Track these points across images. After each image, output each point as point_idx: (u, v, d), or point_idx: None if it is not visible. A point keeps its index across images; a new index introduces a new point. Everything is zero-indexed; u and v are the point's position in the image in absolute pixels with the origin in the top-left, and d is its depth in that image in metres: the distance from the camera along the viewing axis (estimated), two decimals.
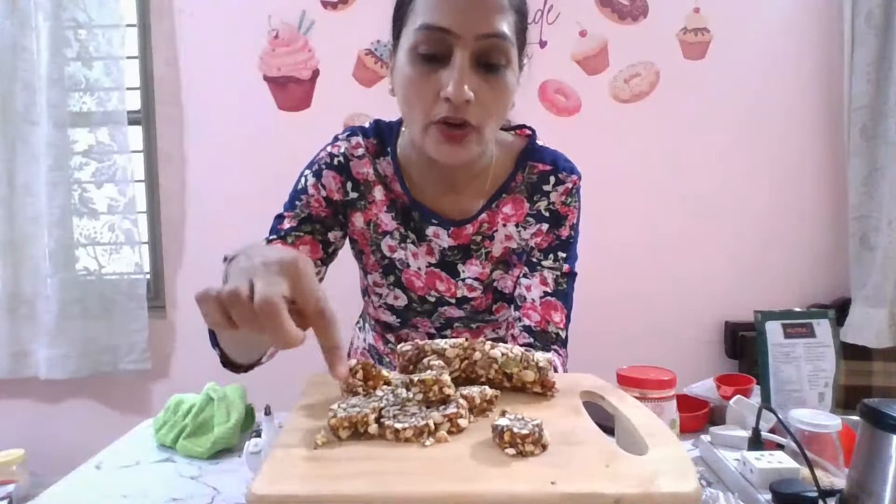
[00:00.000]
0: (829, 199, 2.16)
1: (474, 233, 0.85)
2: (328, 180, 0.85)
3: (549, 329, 0.86)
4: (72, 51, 2.05)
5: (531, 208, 0.86)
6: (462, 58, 0.69)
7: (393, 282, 0.87)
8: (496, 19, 0.70)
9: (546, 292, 0.86)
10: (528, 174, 0.86)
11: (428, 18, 0.69)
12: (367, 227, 0.86)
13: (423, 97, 0.72)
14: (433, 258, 0.86)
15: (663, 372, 0.88)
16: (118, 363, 2.11)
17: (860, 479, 0.66)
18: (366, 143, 0.86)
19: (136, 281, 2.12)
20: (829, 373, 0.94)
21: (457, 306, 0.88)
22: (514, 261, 0.88)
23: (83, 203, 2.10)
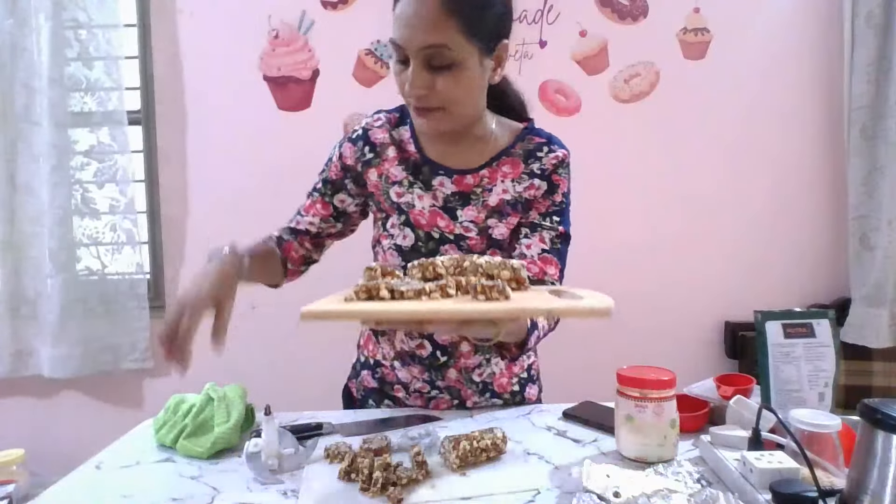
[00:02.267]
0: (829, 199, 2.16)
1: (475, 184, 1.03)
2: (345, 150, 1.08)
3: (546, 280, 1.01)
4: (72, 51, 2.05)
5: (525, 168, 1.04)
6: (414, 64, 0.90)
7: (403, 221, 1.04)
8: (433, 33, 0.88)
9: (544, 249, 1.03)
10: (526, 144, 1.05)
11: (392, 35, 0.92)
12: (379, 179, 1.06)
13: (400, 88, 0.95)
14: (437, 202, 1.03)
15: (663, 372, 0.88)
16: (120, 362, 2.12)
17: (860, 479, 0.66)
18: (388, 117, 1.08)
19: (137, 281, 2.12)
20: (829, 373, 0.94)
21: (455, 244, 1.02)
22: (507, 210, 1.03)
23: (85, 203, 2.11)
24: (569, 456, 0.90)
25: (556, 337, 2.27)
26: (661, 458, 0.85)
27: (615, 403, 0.90)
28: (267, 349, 2.08)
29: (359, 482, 0.80)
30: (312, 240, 1.12)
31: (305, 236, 1.11)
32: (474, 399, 1.11)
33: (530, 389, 1.16)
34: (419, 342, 1.06)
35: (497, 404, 1.12)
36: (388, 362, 1.11)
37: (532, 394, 1.16)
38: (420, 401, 1.11)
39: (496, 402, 1.12)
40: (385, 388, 1.13)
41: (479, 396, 1.11)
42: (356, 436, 0.97)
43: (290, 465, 0.87)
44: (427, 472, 0.82)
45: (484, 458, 0.87)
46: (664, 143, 2.14)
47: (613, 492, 0.72)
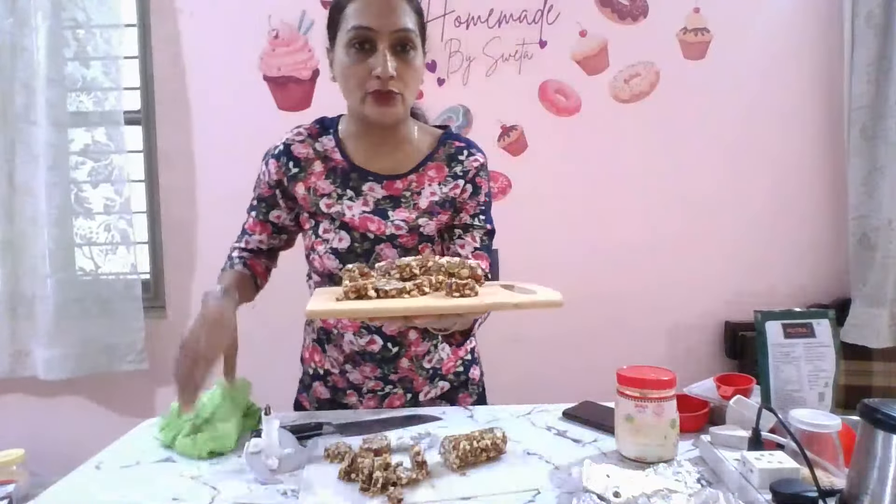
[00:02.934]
0: (829, 199, 2.16)
1: (404, 189, 1.09)
2: (271, 167, 1.12)
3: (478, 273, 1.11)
4: (70, 50, 2.05)
5: (449, 171, 1.11)
6: (384, 47, 0.98)
7: (337, 225, 1.08)
8: (403, 19, 0.99)
9: (475, 247, 1.12)
10: (448, 148, 1.12)
11: (358, 21, 0.98)
12: (307, 193, 1.09)
13: (360, 77, 1.00)
14: (368, 207, 1.08)
15: (663, 372, 0.88)
16: (115, 364, 2.10)
17: (860, 479, 0.66)
18: (308, 129, 1.13)
19: (133, 281, 2.11)
20: (829, 373, 0.94)
21: (389, 243, 1.07)
22: (437, 210, 1.10)
23: (79, 203, 2.10)
24: (569, 456, 0.90)
25: (556, 337, 2.28)
26: (661, 458, 0.85)
27: (615, 403, 0.90)
28: (268, 349, 2.08)
29: (359, 482, 0.80)
30: (266, 255, 1.18)
31: (260, 254, 1.16)
32: (425, 388, 1.15)
33: (473, 370, 1.22)
34: (369, 338, 1.09)
35: (445, 388, 1.17)
36: (338, 368, 1.14)
37: (475, 374, 1.23)
38: (374, 402, 1.13)
39: (444, 387, 1.17)
40: (337, 396, 1.16)
41: (429, 385, 1.15)
42: (356, 436, 0.97)
43: (290, 465, 0.87)
44: (427, 472, 0.82)
45: (484, 458, 0.87)
46: (664, 143, 2.14)
47: (613, 492, 0.72)
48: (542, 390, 1.36)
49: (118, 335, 2.10)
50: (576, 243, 2.14)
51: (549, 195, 2.14)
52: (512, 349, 2.14)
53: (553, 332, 2.15)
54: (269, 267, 1.19)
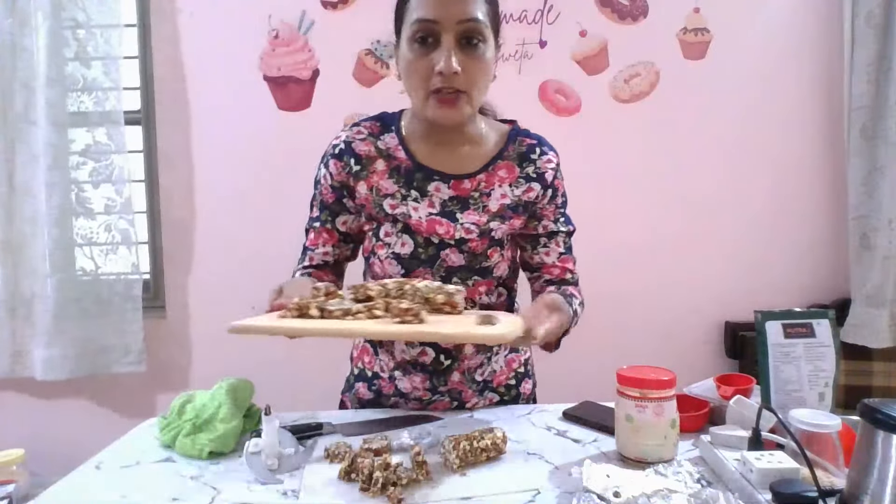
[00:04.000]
0: (829, 199, 2.16)
1: (472, 189, 1.02)
2: (332, 168, 1.04)
3: (567, 276, 1.10)
4: (70, 50, 2.05)
5: (521, 172, 1.04)
6: (448, 40, 0.90)
7: (400, 228, 1.02)
8: (471, 8, 0.91)
9: (561, 253, 1.10)
10: (518, 146, 1.06)
11: (420, 13, 0.91)
12: (370, 192, 1.03)
13: (422, 74, 0.93)
14: (434, 209, 1.01)
15: (663, 372, 0.88)
16: (114, 365, 2.10)
17: (860, 479, 0.66)
18: (369, 127, 1.06)
19: (132, 282, 2.11)
20: (829, 373, 0.94)
21: (457, 248, 1.02)
22: (509, 214, 1.04)
23: (80, 203, 2.10)
24: (569, 456, 0.90)
25: None
26: (661, 458, 0.85)
27: (615, 403, 0.90)
28: (267, 349, 2.08)
29: (359, 482, 0.80)
30: (332, 270, 1.10)
31: (324, 269, 1.09)
32: (473, 400, 1.11)
33: (525, 384, 1.17)
34: (421, 349, 1.06)
35: (494, 400, 1.13)
36: (387, 373, 1.10)
37: (526, 388, 1.18)
38: (418, 406, 1.10)
39: (493, 398, 1.13)
40: (381, 399, 1.12)
41: (478, 397, 1.11)
42: (356, 436, 0.97)
43: (290, 465, 0.87)
44: (427, 472, 0.82)
45: (484, 458, 0.87)
46: (664, 143, 2.14)
47: (613, 492, 0.72)
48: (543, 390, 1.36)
49: (117, 336, 2.10)
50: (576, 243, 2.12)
51: None
52: None
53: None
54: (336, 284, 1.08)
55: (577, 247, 1.14)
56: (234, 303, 2.21)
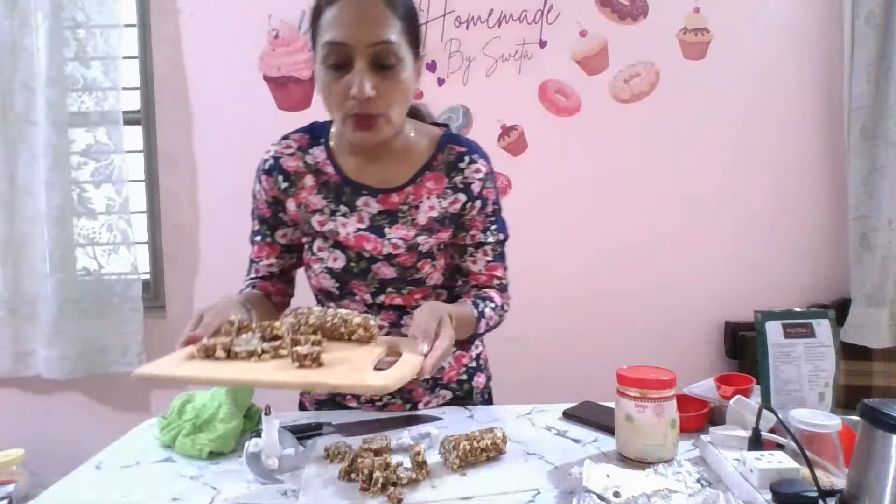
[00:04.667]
0: (829, 199, 2.16)
1: (401, 202, 1.01)
2: (264, 184, 1.05)
3: (493, 283, 1.08)
4: (70, 50, 2.05)
5: (449, 183, 1.02)
6: (360, 64, 0.87)
7: (332, 244, 1.02)
8: (382, 30, 0.87)
9: (488, 261, 1.07)
10: (448, 155, 1.03)
11: (330, 36, 0.88)
12: (298, 209, 1.03)
13: (337, 98, 0.90)
14: (363, 224, 1.01)
15: (663, 372, 0.88)
16: (114, 364, 2.11)
17: (860, 479, 0.66)
18: (298, 140, 1.05)
19: (132, 282, 2.11)
20: (829, 373, 0.94)
21: (387, 262, 1.01)
22: (436, 227, 1.03)
23: (82, 203, 2.11)
24: (569, 456, 0.90)
25: (556, 337, 2.28)
26: (661, 458, 0.85)
27: (615, 403, 0.90)
28: None
29: (359, 482, 0.80)
30: (280, 279, 1.10)
31: (271, 280, 1.09)
32: (425, 398, 1.12)
33: (478, 378, 1.17)
34: None
35: (447, 397, 1.13)
36: None
37: (479, 383, 1.17)
38: (372, 408, 1.11)
39: (446, 396, 1.13)
40: (337, 397, 1.13)
41: (429, 395, 1.12)
42: (356, 436, 0.97)
43: (290, 465, 0.87)
44: (427, 472, 0.82)
45: (484, 458, 0.87)
46: (664, 143, 2.14)
47: (613, 492, 0.72)
48: (542, 390, 1.36)
49: (117, 336, 2.11)
50: (576, 243, 2.14)
51: (549, 195, 2.14)
52: (512, 349, 2.13)
53: (553, 331, 2.15)
54: (285, 291, 1.12)
55: (577, 246, 1.14)
56: None
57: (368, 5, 0.87)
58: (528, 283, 2.22)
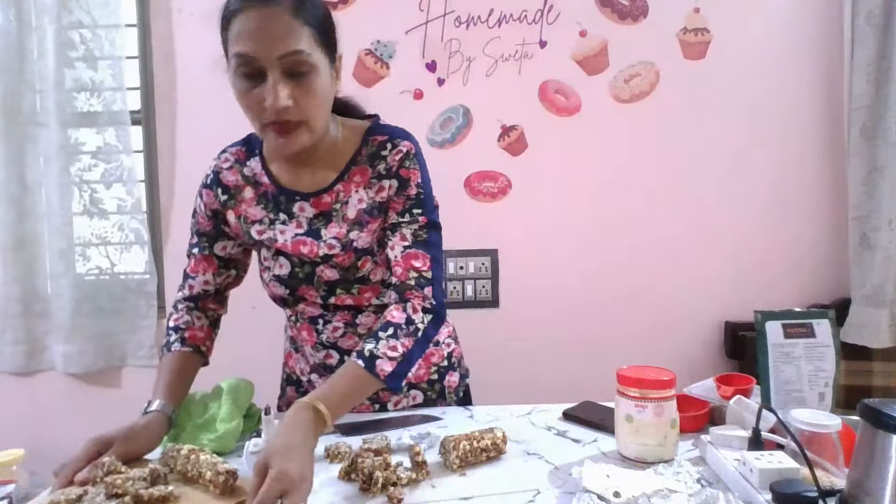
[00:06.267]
0: (829, 199, 2.16)
1: (333, 201, 1.01)
2: (205, 198, 1.06)
3: (410, 276, 0.97)
4: (76, 52, 2.07)
5: (373, 172, 1.00)
6: (273, 75, 0.86)
7: (273, 253, 1.03)
8: (290, 41, 0.86)
9: (406, 246, 0.98)
10: (370, 146, 1.01)
11: (239, 48, 0.87)
12: (238, 221, 1.05)
13: (254, 108, 0.89)
14: (302, 229, 1.01)
15: (663, 372, 0.88)
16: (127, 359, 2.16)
17: (860, 479, 0.66)
18: (235, 153, 1.07)
19: (146, 279, 2.14)
20: (829, 373, 0.94)
21: (327, 264, 1.01)
22: (365, 219, 1.00)
23: (93, 203, 2.14)
24: (569, 456, 0.90)
25: (556, 336, 2.27)
26: (661, 458, 0.85)
27: (615, 403, 0.90)
28: (268, 349, 2.08)
29: (359, 482, 0.80)
30: (214, 299, 1.10)
31: (206, 298, 1.09)
32: (394, 398, 1.12)
33: (450, 377, 1.17)
34: (325, 352, 1.07)
35: (419, 399, 1.13)
36: (307, 377, 1.13)
37: (452, 381, 1.18)
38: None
39: (417, 396, 1.13)
40: None
41: (397, 394, 1.12)
42: (356, 436, 0.97)
43: None
44: (427, 472, 0.82)
45: (484, 458, 0.87)
46: (664, 144, 2.14)
47: (613, 492, 0.72)
48: (542, 390, 1.36)
49: (129, 333, 2.14)
50: (576, 243, 2.13)
51: (549, 195, 2.14)
52: (512, 349, 2.14)
53: (553, 331, 2.15)
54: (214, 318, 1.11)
55: (577, 246, 1.13)
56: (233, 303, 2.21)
57: (274, 16, 0.85)
58: (528, 284, 2.23)
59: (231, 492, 0.77)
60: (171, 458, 0.82)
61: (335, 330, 1.05)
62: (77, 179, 2.11)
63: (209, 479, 0.77)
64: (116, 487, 0.75)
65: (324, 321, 1.05)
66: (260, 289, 1.13)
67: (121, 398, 2.16)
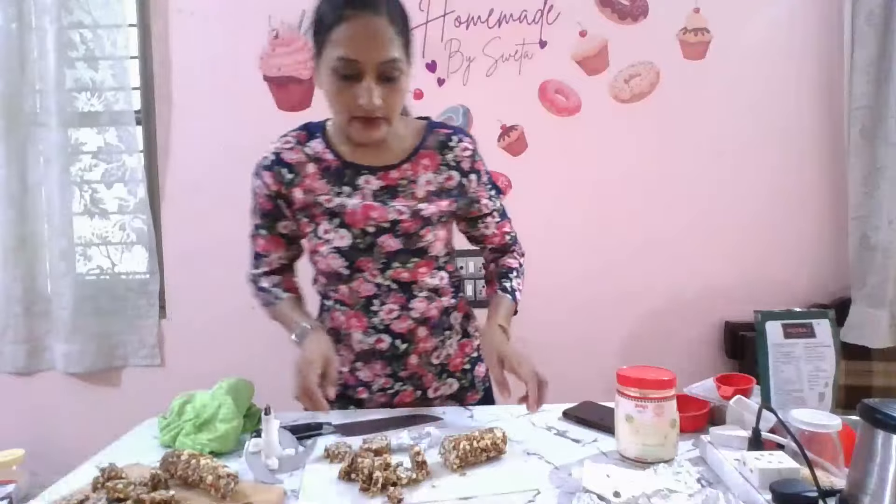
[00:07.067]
0: (829, 199, 2.16)
1: (400, 178, 1.10)
2: (266, 179, 1.12)
3: (506, 239, 1.25)
4: (77, 52, 2.07)
5: (442, 160, 1.13)
6: (369, 78, 0.99)
7: (337, 224, 1.09)
8: (389, 49, 0.99)
9: (496, 222, 1.22)
10: (437, 136, 1.14)
11: (343, 52, 0.98)
12: (304, 195, 1.11)
13: (346, 103, 1.02)
14: (366, 199, 1.09)
15: (663, 372, 0.88)
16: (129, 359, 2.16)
17: (860, 479, 0.66)
18: (296, 136, 1.15)
19: (146, 279, 2.15)
20: (829, 373, 0.94)
21: (391, 232, 1.08)
22: (434, 199, 1.12)
23: (94, 203, 2.15)
24: (569, 456, 0.90)
25: (556, 336, 2.27)
26: (661, 458, 0.85)
27: (615, 403, 0.90)
28: (268, 349, 2.08)
29: (359, 482, 0.80)
30: (290, 271, 1.23)
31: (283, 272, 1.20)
32: (434, 384, 1.17)
33: (479, 368, 1.24)
34: (377, 337, 1.12)
35: (454, 387, 1.19)
36: (348, 366, 1.15)
37: (481, 371, 1.24)
38: (384, 398, 1.15)
39: (452, 385, 1.19)
40: (348, 391, 1.17)
41: (437, 381, 1.17)
42: (356, 436, 0.97)
43: (290, 465, 0.87)
44: (427, 472, 0.82)
45: (484, 458, 0.87)
46: (664, 144, 2.14)
47: (613, 492, 0.72)
48: None
49: (130, 332, 2.14)
50: (576, 243, 2.13)
51: (549, 195, 2.14)
52: None
53: (553, 331, 2.15)
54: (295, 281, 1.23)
55: (577, 246, 1.15)
56: (233, 303, 2.21)
57: (378, 27, 0.98)
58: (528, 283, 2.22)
59: (232, 496, 0.77)
60: (172, 463, 0.82)
61: (390, 312, 1.11)
62: (78, 179, 2.12)
63: (210, 483, 0.77)
64: (118, 492, 0.75)
65: (379, 302, 1.10)
66: None
67: (121, 398, 2.16)
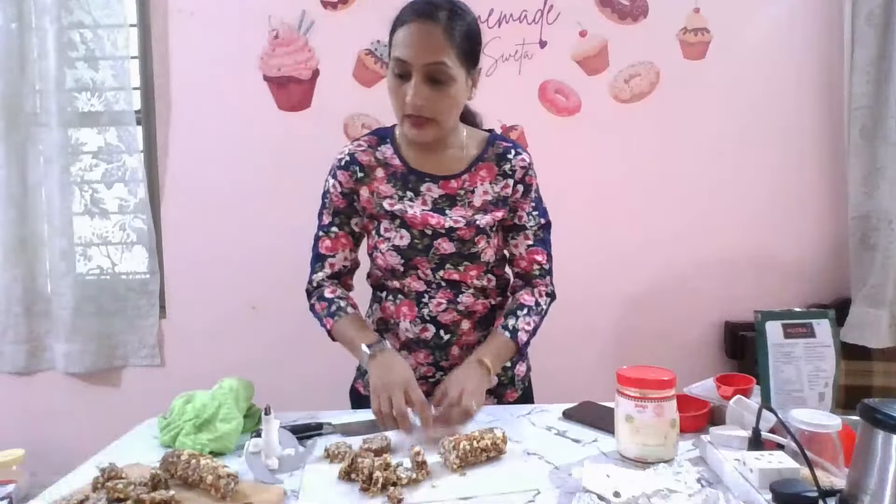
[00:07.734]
0: (829, 199, 2.16)
1: (459, 188, 1.16)
2: (340, 178, 1.18)
3: (533, 269, 1.22)
4: (78, 53, 2.07)
5: (499, 171, 1.18)
6: (416, 78, 1.05)
7: (398, 224, 1.15)
8: (437, 54, 1.05)
9: (529, 245, 1.21)
10: (496, 148, 1.20)
11: (398, 53, 1.06)
12: (371, 196, 1.17)
13: (398, 100, 1.09)
14: (427, 206, 1.16)
15: (663, 372, 0.88)
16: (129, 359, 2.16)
17: (860, 479, 0.66)
18: (368, 140, 1.21)
19: (146, 279, 2.15)
20: (829, 373, 0.94)
21: (447, 237, 1.14)
22: (490, 208, 1.17)
23: (94, 203, 2.14)
24: (569, 456, 0.90)
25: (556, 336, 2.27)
26: (661, 458, 0.85)
27: (615, 403, 0.90)
28: (268, 349, 2.08)
29: (359, 482, 0.80)
30: (349, 275, 1.25)
31: (346, 275, 1.24)
32: None
33: (519, 367, 1.29)
34: (423, 326, 1.18)
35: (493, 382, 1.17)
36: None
37: (521, 370, 1.29)
38: (425, 387, 1.15)
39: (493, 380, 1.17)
40: None
41: None
42: (356, 436, 0.97)
43: (290, 465, 0.87)
44: (427, 472, 0.82)
45: (484, 458, 0.87)
46: (664, 144, 2.14)
47: (613, 492, 0.72)
48: (542, 390, 1.36)
49: (130, 332, 2.14)
50: (576, 243, 2.13)
51: (549, 195, 2.13)
52: None
53: (553, 331, 2.15)
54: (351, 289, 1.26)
55: (577, 246, 1.15)
56: (233, 302, 2.21)
57: (431, 32, 1.04)
58: None
59: (232, 496, 0.77)
60: (172, 463, 0.82)
61: (438, 305, 1.17)
62: (78, 179, 2.11)
63: (210, 483, 0.77)
64: (118, 492, 0.75)
65: (428, 296, 1.17)
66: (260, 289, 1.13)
67: (121, 398, 2.16)
